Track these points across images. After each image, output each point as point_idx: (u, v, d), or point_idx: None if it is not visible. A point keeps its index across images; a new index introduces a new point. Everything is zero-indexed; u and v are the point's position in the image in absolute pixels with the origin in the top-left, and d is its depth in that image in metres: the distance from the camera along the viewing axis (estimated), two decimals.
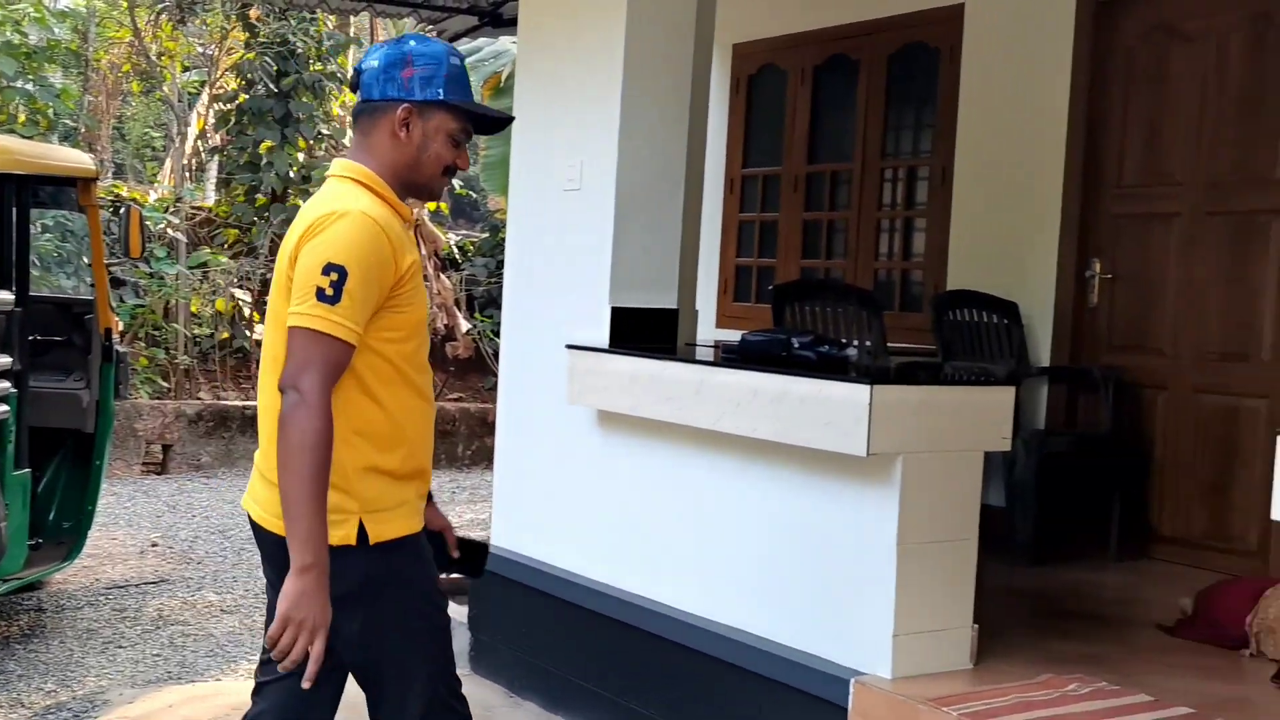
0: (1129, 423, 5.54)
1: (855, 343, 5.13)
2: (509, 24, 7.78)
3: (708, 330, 7.28)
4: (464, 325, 11.51)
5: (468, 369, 12.13)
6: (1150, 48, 5.58)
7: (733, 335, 7.23)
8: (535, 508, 4.99)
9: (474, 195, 16.08)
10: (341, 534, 2.42)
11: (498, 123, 2.70)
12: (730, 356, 4.11)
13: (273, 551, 2.50)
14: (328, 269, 2.36)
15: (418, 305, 2.55)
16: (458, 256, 13.03)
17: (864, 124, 6.88)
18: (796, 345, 3.97)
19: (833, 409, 3.51)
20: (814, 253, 7.21)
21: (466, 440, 11.19)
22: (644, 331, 4.60)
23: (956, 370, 5.38)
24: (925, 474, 3.52)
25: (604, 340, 4.53)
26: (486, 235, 13.57)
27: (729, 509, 4.04)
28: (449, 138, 2.59)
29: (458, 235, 14.06)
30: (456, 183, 14.12)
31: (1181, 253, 5.44)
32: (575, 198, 4.76)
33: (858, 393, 3.44)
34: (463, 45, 13.34)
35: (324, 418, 2.33)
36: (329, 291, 2.35)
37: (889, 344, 5.55)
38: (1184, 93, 5.45)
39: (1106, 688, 3.48)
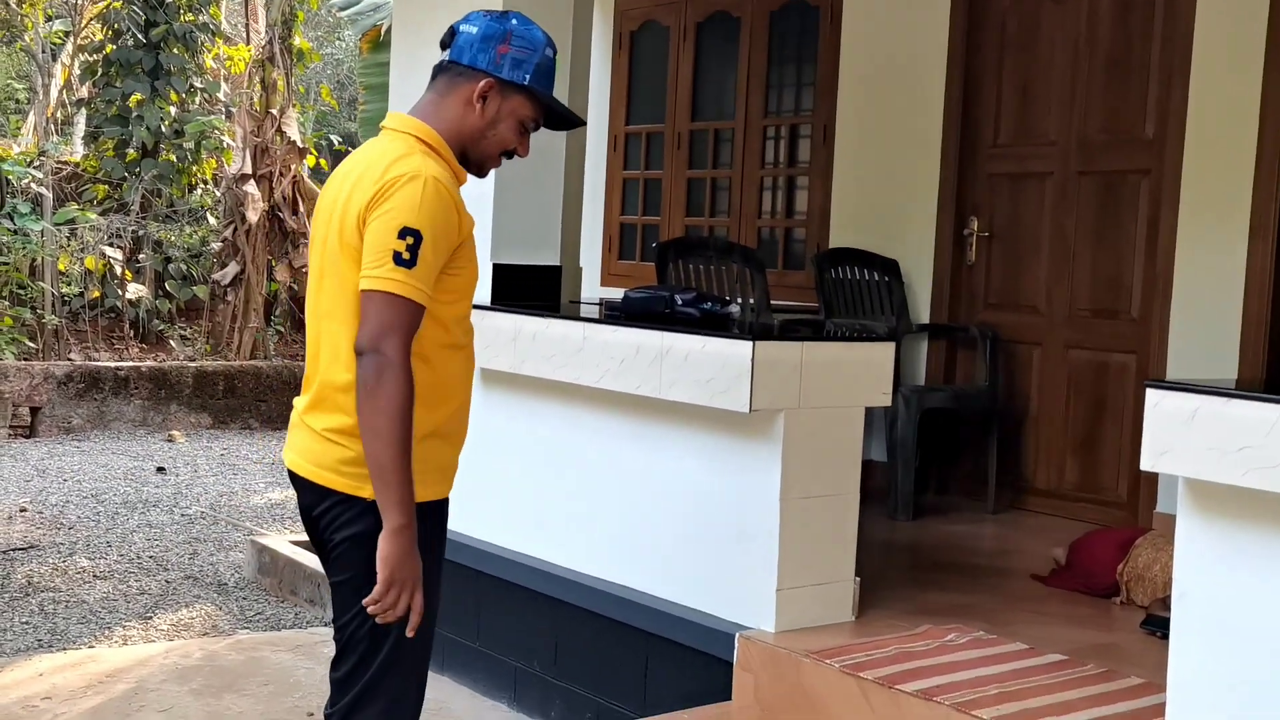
0: (1005, 378, 5.66)
1: (738, 300, 5.15)
2: None
3: (593, 288, 7.25)
4: None
5: None
6: (1023, 8, 5.67)
7: (617, 293, 7.22)
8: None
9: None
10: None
11: (564, 122, 2.69)
12: (613, 314, 4.10)
13: (319, 505, 2.49)
14: (404, 233, 2.36)
15: (471, 269, 2.57)
16: None
17: (746, 82, 6.88)
18: (679, 302, 3.96)
19: (715, 366, 3.52)
20: (698, 210, 7.22)
21: None
22: (527, 289, 4.56)
23: (838, 327, 5.44)
24: (807, 430, 3.55)
25: (485, 298, 4.48)
26: None
27: (614, 468, 4.03)
28: (519, 123, 2.59)
29: None
30: (336, 138, 13.84)
31: (1055, 212, 5.55)
32: None
33: (740, 349, 3.45)
34: None
35: (410, 380, 2.35)
36: (405, 255, 2.35)
37: (772, 301, 5.59)
38: (1056, 54, 5.54)
39: (983, 637, 3.56)
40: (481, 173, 2.63)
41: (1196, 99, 5.00)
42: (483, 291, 4.49)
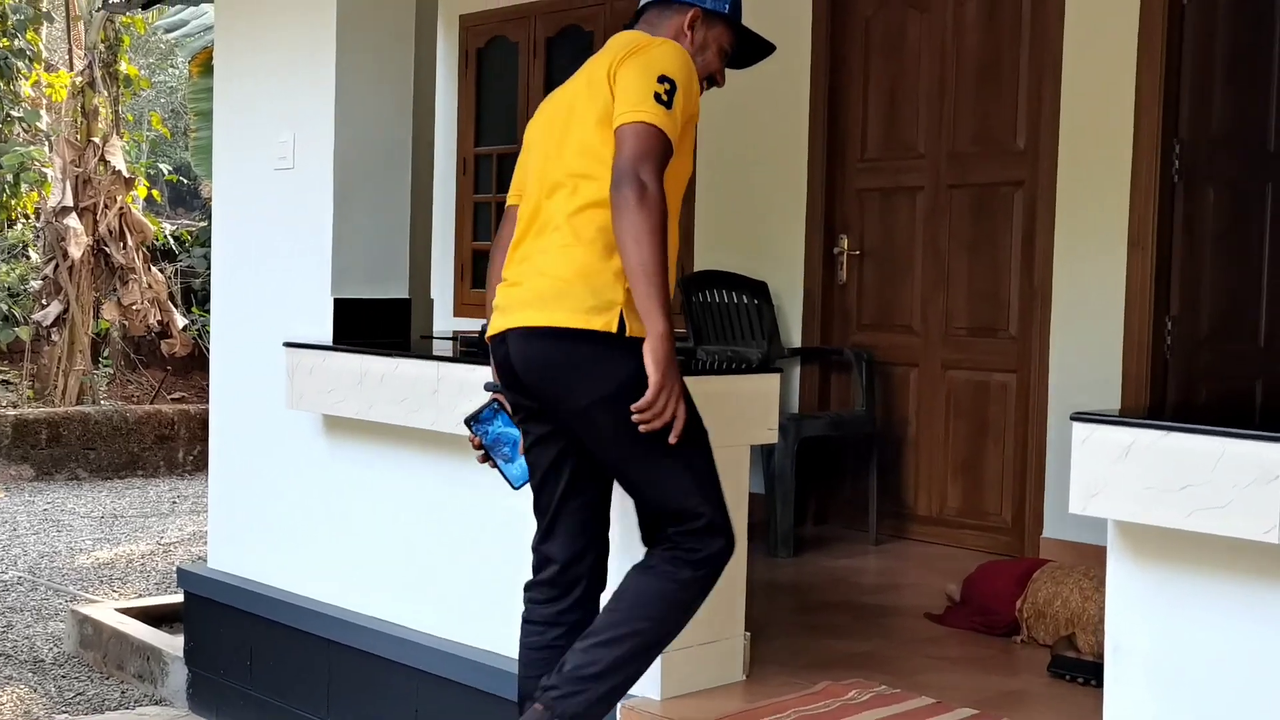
0: (882, 402, 5.43)
1: None
2: None
3: (445, 320, 6.85)
4: (180, 321, 10.70)
5: (189, 366, 11.29)
6: (888, 17, 5.46)
7: (473, 325, 6.83)
8: (255, 525, 4.47)
9: (186, 182, 15.06)
10: (605, 319, 2.50)
11: (754, 54, 2.92)
12: (471, 350, 3.72)
13: (557, 362, 2.54)
14: (662, 79, 2.50)
15: (687, 161, 2.67)
16: (174, 247, 12.12)
17: None
18: None
19: None
20: None
21: (188, 445, 10.36)
22: (373, 325, 4.15)
23: (711, 356, 5.13)
24: None
25: (327, 336, 4.06)
26: (205, 224, 12.66)
27: (476, 520, 3.64)
28: (720, 50, 2.81)
29: (173, 225, 13.09)
30: (166, 167, 13.14)
31: (927, 227, 5.34)
32: (288, 178, 4.26)
33: None
34: (167, 17, 12.43)
35: (664, 205, 2.46)
36: (664, 97, 2.49)
37: None
38: (923, 63, 5.35)
39: (886, 692, 3.26)
40: None
41: (1069, 107, 4.83)
42: (323, 329, 4.07)
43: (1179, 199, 4.66)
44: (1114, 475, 2.29)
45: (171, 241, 12.09)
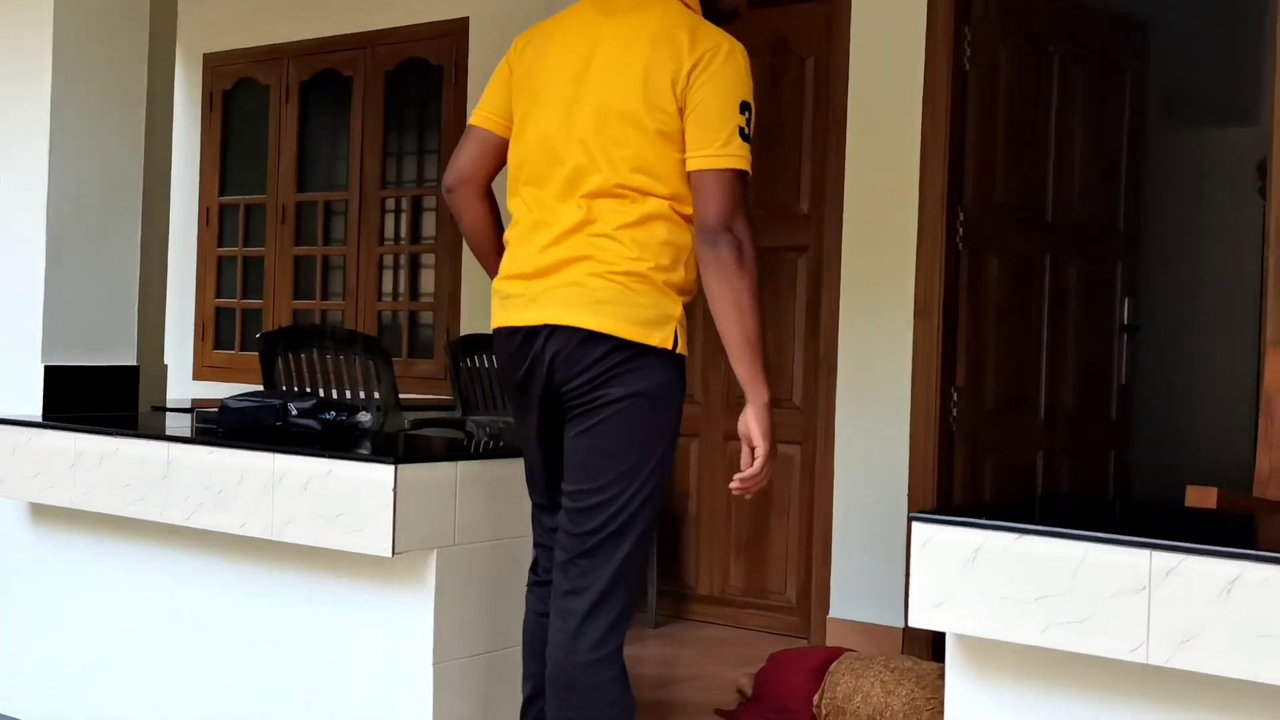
0: None
1: (368, 406, 4.36)
2: None
3: (184, 386, 6.26)
4: None
5: None
6: None
7: (215, 389, 6.23)
8: None
9: None
10: (662, 335, 2.40)
11: None
12: (208, 428, 3.23)
13: (587, 360, 2.37)
14: (744, 107, 2.39)
15: None
16: None
17: (361, 148, 6.13)
18: (295, 412, 3.16)
19: (345, 497, 2.74)
20: (308, 292, 6.36)
21: None
22: (93, 397, 3.61)
23: (480, 427, 4.74)
24: (466, 572, 2.82)
25: (36, 410, 3.50)
26: None
27: (218, 627, 3.14)
28: None
29: None
30: None
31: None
32: None
33: (377, 475, 2.69)
34: None
35: (757, 258, 2.39)
36: (747, 129, 2.39)
37: (401, 396, 4.84)
38: None
39: None
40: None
41: (853, 170, 4.69)
42: (31, 402, 3.51)
43: (964, 267, 4.56)
44: (960, 584, 2.02)
45: None
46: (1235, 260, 6.28)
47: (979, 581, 2.00)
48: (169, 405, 4.37)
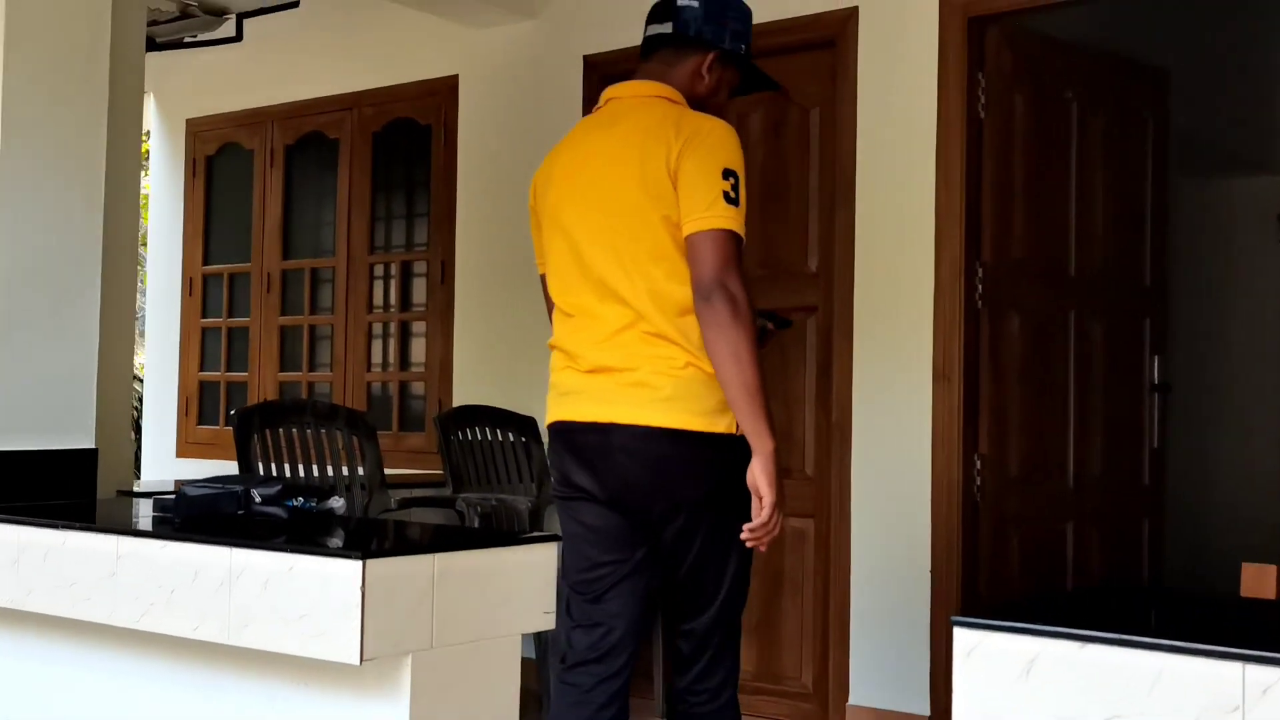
0: None
1: (349, 486, 4.08)
2: None
3: (166, 465, 5.99)
4: None
5: None
6: None
7: (199, 467, 5.94)
8: None
9: None
10: (727, 421, 2.52)
11: (757, 86, 2.87)
12: (165, 517, 2.94)
13: (665, 464, 2.55)
14: (727, 174, 2.50)
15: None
16: None
17: (348, 213, 5.89)
18: (258, 499, 2.88)
19: (309, 596, 2.44)
20: (294, 364, 6.09)
21: None
22: (44, 484, 3.32)
23: (471, 505, 4.45)
24: (444, 678, 2.52)
25: None
26: None
27: None
28: (729, 89, 2.78)
29: None
30: None
31: None
32: None
33: (343, 570, 2.39)
34: None
35: (753, 310, 2.48)
36: (733, 194, 2.49)
37: (388, 472, 4.56)
38: None
39: None
40: None
41: (864, 226, 4.43)
42: None
43: (984, 326, 4.28)
44: (1011, 702, 1.72)
45: None
46: (1260, 311, 6.03)
47: (1035, 697, 1.70)
48: (142, 489, 4.09)
